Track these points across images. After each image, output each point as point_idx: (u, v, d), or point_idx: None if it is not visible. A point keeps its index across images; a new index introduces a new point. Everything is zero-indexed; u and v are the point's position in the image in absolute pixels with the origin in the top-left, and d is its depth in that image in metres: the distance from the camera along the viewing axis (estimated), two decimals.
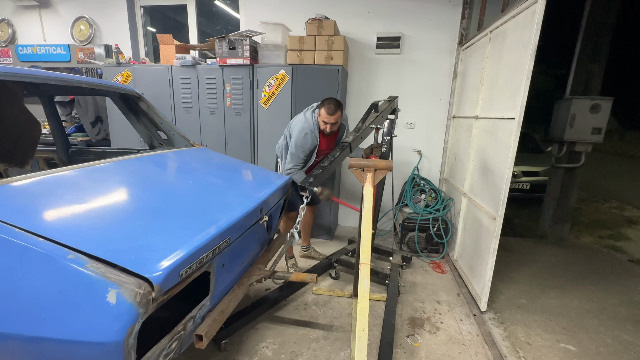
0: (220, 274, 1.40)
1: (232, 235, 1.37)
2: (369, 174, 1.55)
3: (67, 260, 0.92)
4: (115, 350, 0.92)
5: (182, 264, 1.06)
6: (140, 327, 0.96)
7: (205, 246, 1.19)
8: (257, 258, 1.90)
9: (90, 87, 1.93)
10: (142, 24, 4.35)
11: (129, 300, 0.92)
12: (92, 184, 1.42)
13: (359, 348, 1.09)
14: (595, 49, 3.55)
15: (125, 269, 0.96)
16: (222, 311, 1.40)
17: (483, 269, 2.38)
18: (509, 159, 2.11)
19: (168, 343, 1.13)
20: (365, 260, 1.28)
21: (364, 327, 1.12)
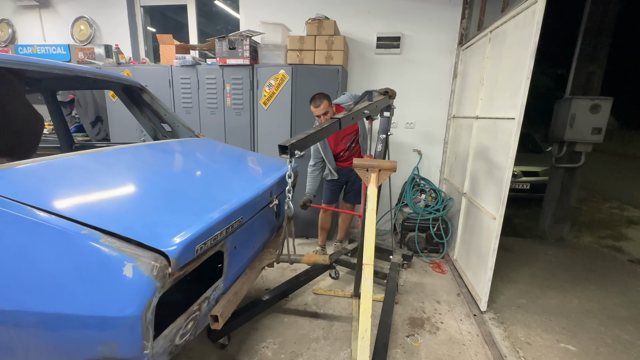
0: (233, 255, 1.41)
1: (244, 216, 1.39)
2: (373, 175, 1.55)
3: (81, 235, 0.91)
4: (133, 325, 0.91)
5: (198, 239, 1.07)
6: (157, 303, 0.96)
7: (219, 223, 1.19)
8: (267, 244, 1.91)
9: (94, 77, 1.90)
10: (142, 24, 4.35)
11: (145, 273, 0.91)
12: (101, 167, 1.42)
13: (361, 349, 1.09)
14: (595, 49, 3.55)
15: (141, 243, 0.95)
16: (235, 293, 1.40)
17: (483, 269, 2.38)
18: (509, 159, 2.11)
19: (184, 322, 1.14)
20: (368, 261, 1.27)
21: (366, 328, 1.12)
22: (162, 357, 1.06)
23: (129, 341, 0.93)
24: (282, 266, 2.98)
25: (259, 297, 2.21)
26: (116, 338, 0.93)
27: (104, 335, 0.93)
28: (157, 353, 1.02)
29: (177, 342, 1.13)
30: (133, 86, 2.26)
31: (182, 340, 1.15)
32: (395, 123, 3.73)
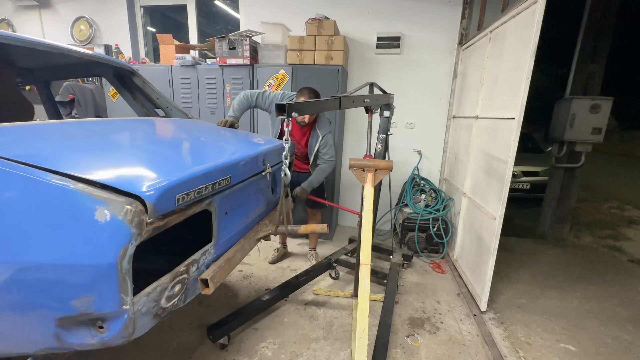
0: (224, 221, 1.37)
1: (233, 176, 1.34)
2: (369, 174, 1.55)
3: (50, 181, 0.87)
4: (108, 274, 0.87)
5: (178, 188, 1.01)
6: (135, 251, 0.91)
7: (203, 176, 1.15)
8: (263, 218, 1.87)
9: (80, 57, 1.85)
10: (142, 24, 4.35)
11: (119, 217, 0.86)
12: (82, 131, 1.37)
13: (359, 349, 1.09)
14: (595, 49, 3.55)
15: (114, 188, 0.90)
16: (228, 260, 1.37)
17: (483, 268, 2.38)
18: (509, 159, 2.11)
19: (170, 283, 1.09)
20: (365, 261, 1.28)
21: (364, 328, 1.12)
22: (146, 317, 1.02)
23: (105, 293, 0.89)
24: (282, 266, 2.98)
25: (259, 297, 2.21)
26: (91, 290, 0.88)
27: (78, 287, 0.88)
28: (140, 312, 0.97)
29: (163, 305, 1.08)
30: (124, 70, 2.21)
31: (170, 304, 1.11)
32: (395, 123, 3.73)
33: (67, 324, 0.92)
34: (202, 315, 2.24)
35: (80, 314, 0.90)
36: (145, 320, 1.02)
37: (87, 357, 1.84)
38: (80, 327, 0.94)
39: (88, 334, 0.94)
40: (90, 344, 0.95)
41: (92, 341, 0.95)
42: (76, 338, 0.94)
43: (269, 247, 3.37)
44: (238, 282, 2.68)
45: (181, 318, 2.20)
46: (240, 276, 2.78)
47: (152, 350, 1.92)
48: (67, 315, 0.90)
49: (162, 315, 1.10)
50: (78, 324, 0.93)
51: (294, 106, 1.38)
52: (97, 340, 0.95)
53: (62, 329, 0.93)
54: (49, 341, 0.94)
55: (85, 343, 0.95)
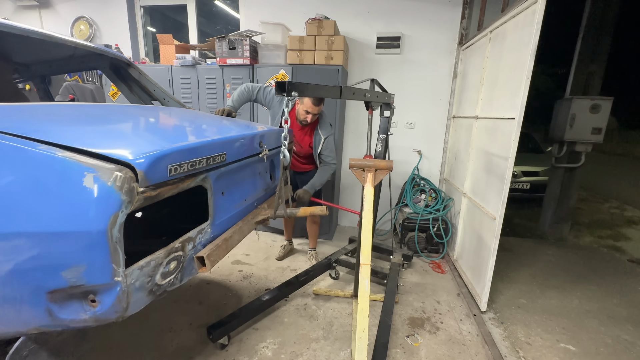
0: (220, 201, 1.37)
1: (229, 153, 1.33)
2: (369, 174, 1.55)
3: (37, 149, 0.86)
4: (98, 242, 0.85)
5: (170, 157, 1.00)
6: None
7: (196, 148, 1.14)
8: (262, 203, 1.86)
9: (75, 46, 1.84)
10: (142, 24, 4.35)
11: (108, 183, 0.85)
12: (74, 111, 1.37)
13: (359, 349, 1.09)
14: (595, 49, 3.55)
15: (103, 156, 0.88)
16: (225, 239, 1.35)
17: (483, 268, 2.38)
18: (509, 159, 2.11)
19: (164, 259, 1.07)
20: (365, 261, 1.28)
21: (364, 328, 1.12)
22: (140, 293, 1.00)
23: (96, 263, 0.87)
24: (282, 266, 2.98)
25: (259, 297, 2.21)
26: (81, 260, 0.87)
27: (68, 257, 0.87)
28: (133, 286, 0.96)
29: (158, 281, 1.06)
30: (120, 61, 2.20)
31: (165, 282, 1.09)
32: (395, 123, 3.73)
33: (59, 298, 0.91)
34: (202, 315, 2.24)
35: (71, 286, 0.88)
36: (140, 295, 1.00)
37: (87, 358, 1.84)
38: (72, 302, 0.92)
39: (80, 309, 0.93)
40: (83, 319, 0.93)
41: (85, 316, 0.93)
42: (68, 313, 0.93)
43: (270, 247, 3.38)
44: (238, 282, 2.68)
45: (181, 318, 2.21)
46: (240, 276, 2.78)
47: (152, 350, 1.92)
48: (58, 288, 0.89)
49: (157, 293, 1.08)
50: (70, 297, 0.91)
51: (295, 85, 1.36)
52: (90, 315, 0.93)
53: (53, 304, 0.91)
54: (41, 318, 0.92)
55: (77, 319, 0.93)
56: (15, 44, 1.77)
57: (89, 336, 1.19)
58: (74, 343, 1.13)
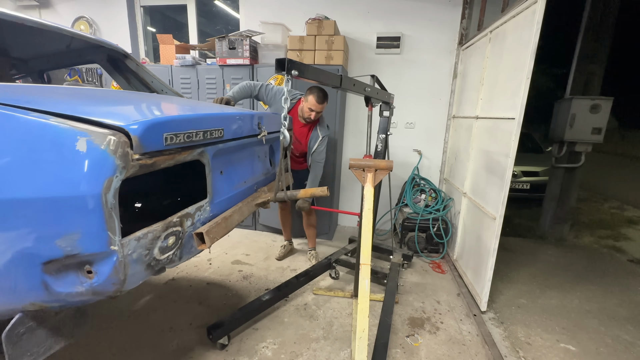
0: (219, 180, 1.36)
1: (226, 129, 1.32)
2: (369, 174, 1.55)
3: (29, 116, 0.85)
4: (92, 207, 0.83)
5: (165, 126, 0.99)
6: (121, 185, 0.88)
7: (192, 120, 1.13)
8: (262, 187, 1.86)
9: (72, 36, 1.83)
10: (142, 23, 4.35)
11: (101, 147, 0.83)
12: (69, 90, 1.36)
13: (359, 349, 1.09)
14: (595, 49, 3.55)
15: (97, 121, 0.87)
16: (225, 218, 1.35)
17: (483, 269, 2.38)
18: (509, 159, 2.11)
19: (162, 232, 1.05)
20: (365, 261, 1.28)
21: (364, 328, 1.12)
22: (137, 266, 0.98)
23: (91, 230, 0.85)
24: (282, 266, 2.98)
25: (259, 297, 2.21)
26: (75, 226, 0.85)
27: (62, 224, 0.85)
28: (130, 257, 0.94)
29: (156, 256, 1.05)
30: (117, 53, 2.18)
31: (164, 257, 1.09)
32: (395, 123, 3.73)
33: (54, 269, 0.90)
34: (202, 315, 2.24)
35: (66, 255, 0.87)
36: (137, 268, 0.99)
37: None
38: (68, 273, 0.91)
39: (77, 281, 0.91)
40: (80, 292, 0.92)
41: (82, 289, 0.91)
42: (64, 286, 0.91)
43: (270, 247, 3.38)
44: (238, 282, 2.68)
45: (181, 318, 2.21)
46: (240, 276, 2.78)
47: (152, 350, 1.92)
48: (53, 259, 0.87)
49: (156, 268, 1.07)
50: (65, 268, 0.90)
51: (295, 64, 1.35)
52: (87, 287, 0.91)
53: (49, 276, 0.90)
54: (36, 291, 0.91)
55: (74, 291, 0.92)
56: (11, 35, 1.75)
57: (88, 317, 1.16)
58: (73, 323, 1.11)
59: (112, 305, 2.32)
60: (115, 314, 2.22)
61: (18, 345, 0.95)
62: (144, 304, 2.35)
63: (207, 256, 3.13)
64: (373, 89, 2.00)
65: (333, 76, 1.62)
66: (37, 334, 1.00)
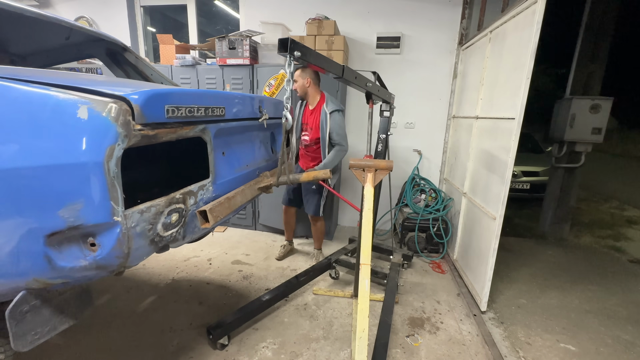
0: (221, 160, 1.37)
1: (227, 109, 1.32)
2: (369, 174, 1.54)
3: (30, 87, 0.86)
4: (95, 174, 0.83)
5: (166, 97, 0.99)
6: (123, 154, 0.88)
7: (193, 94, 1.13)
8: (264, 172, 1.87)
9: (70, 28, 1.81)
10: (142, 23, 4.35)
11: (103, 114, 0.83)
12: (70, 74, 1.35)
13: (359, 349, 1.09)
14: (595, 49, 3.55)
15: (98, 91, 0.88)
16: (228, 198, 1.36)
17: (483, 269, 2.38)
18: (509, 159, 2.11)
19: (165, 208, 1.05)
20: (365, 261, 1.28)
21: (364, 328, 1.12)
22: (141, 240, 0.98)
23: (93, 199, 0.85)
24: (282, 266, 2.98)
25: (259, 297, 2.21)
26: (78, 195, 0.84)
27: (64, 192, 0.85)
28: (134, 230, 0.94)
29: (160, 232, 1.04)
30: (116, 46, 2.16)
31: (167, 234, 1.08)
32: (395, 123, 3.73)
33: (57, 241, 0.89)
34: (202, 315, 2.24)
35: (69, 226, 0.86)
36: (141, 243, 0.98)
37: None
38: (71, 246, 0.90)
39: (80, 254, 0.91)
40: (84, 266, 0.91)
41: (85, 262, 0.91)
42: (68, 259, 0.91)
43: (270, 247, 3.38)
44: (238, 282, 2.68)
45: (181, 318, 2.21)
46: (240, 276, 2.78)
47: (152, 350, 1.92)
48: (56, 230, 0.87)
49: (160, 245, 1.07)
50: (68, 241, 0.90)
51: (298, 45, 1.34)
52: (91, 261, 0.90)
53: (52, 249, 0.89)
54: (40, 266, 0.90)
55: (78, 266, 0.91)
56: (8, 28, 1.74)
57: (92, 298, 1.16)
58: (77, 304, 1.10)
59: (112, 305, 2.32)
60: (115, 314, 2.22)
61: (22, 323, 0.94)
62: (144, 304, 2.35)
63: (207, 256, 3.13)
64: (374, 85, 1.99)
65: (335, 64, 1.60)
66: (41, 313, 0.99)
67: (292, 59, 1.36)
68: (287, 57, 1.34)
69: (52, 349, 1.89)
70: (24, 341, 0.94)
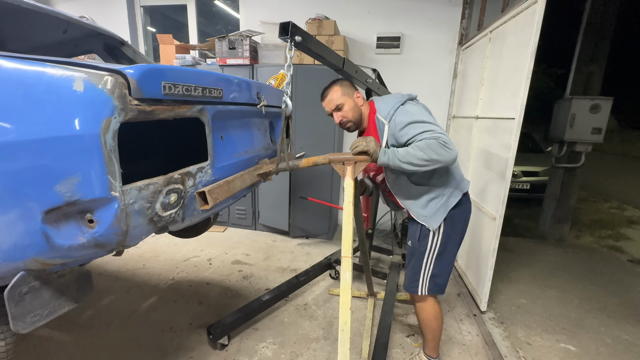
0: (220, 144, 1.36)
1: (225, 91, 1.31)
2: (349, 167, 1.54)
3: (24, 62, 0.85)
4: (91, 147, 0.83)
5: (163, 73, 0.98)
6: (119, 127, 0.87)
7: (190, 73, 1.12)
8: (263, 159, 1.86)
9: (68, 21, 1.81)
10: (142, 23, 4.35)
11: (99, 86, 0.83)
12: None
13: (341, 342, 1.11)
14: (595, 49, 3.55)
15: (93, 65, 0.87)
16: (227, 181, 1.35)
17: (483, 269, 2.38)
18: (509, 159, 2.11)
19: (163, 187, 1.04)
20: (346, 254, 1.30)
21: (346, 321, 1.13)
22: (139, 218, 0.97)
23: (90, 172, 0.84)
24: (282, 266, 2.98)
25: (259, 297, 2.21)
26: (75, 168, 0.84)
27: (61, 167, 0.84)
28: (132, 207, 0.93)
29: (158, 211, 1.04)
30: (114, 40, 2.14)
31: (166, 215, 1.08)
32: None
33: (54, 218, 0.88)
34: (202, 315, 2.24)
35: (66, 202, 0.86)
36: (139, 221, 0.98)
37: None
38: (69, 222, 0.90)
39: (78, 231, 0.90)
40: (82, 244, 0.91)
41: (83, 239, 0.90)
42: (66, 237, 0.90)
43: (270, 247, 3.38)
44: (238, 282, 2.68)
45: (181, 318, 2.21)
46: (240, 276, 2.78)
47: (152, 350, 1.92)
48: (53, 206, 0.86)
49: (159, 225, 1.07)
50: (66, 217, 0.89)
51: (300, 30, 1.32)
52: (89, 238, 0.90)
53: (50, 227, 0.88)
54: (37, 244, 0.89)
55: (76, 243, 0.91)
56: (5, 23, 1.74)
57: (92, 283, 1.16)
58: (77, 288, 1.10)
59: (112, 305, 2.32)
60: (115, 314, 2.22)
61: (21, 304, 0.94)
62: (144, 304, 2.35)
63: (207, 256, 3.13)
64: (374, 82, 1.99)
65: (336, 55, 1.57)
66: (40, 294, 0.99)
67: (293, 44, 1.33)
68: (288, 42, 1.32)
69: (53, 348, 1.90)
70: (23, 323, 0.94)
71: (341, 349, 1.10)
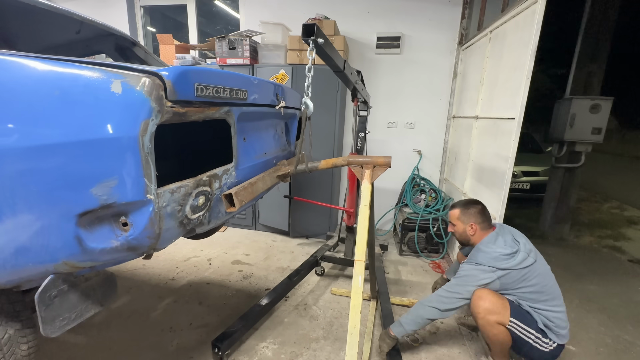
0: (243, 146, 1.37)
1: (249, 92, 1.32)
2: (367, 171, 1.53)
3: (59, 64, 0.84)
4: (129, 149, 0.81)
5: (196, 75, 0.98)
6: (156, 130, 0.86)
7: (220, 74, 1.13)
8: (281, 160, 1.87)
9: (81, 21, 1.79)
10: (142, 24, 4.35)
11: (137, 88, 0.82)
12: None
13: (349, 345, 1.10)
14: (595, 49, 3.55)
15: (127, 67, 0.86)
16: (251, 183, 1.36)
17: None
18: (509, 159, 2.11)
19: (193, 189, 1.04)
20: (360, 257, 1.29)
21: (355, 324, 1.13)
22: (171, 221, 0.97)
23: (128, 175, 0.83)
24: (282, 266, 2.98)
25: (258, 303, 2.20)
26: (112, 171, 0.83)
27: (98, 170, 0.83)
28: (165, 210, 0.93)
29: (188, 214, 1.04)
30: (125, 41, 2.13)
31: (195, 217, 1.08)
32: (395, 123, 3.73)
33: (88, 221, 0.87)
34: (202, 315, 2.24)
35: (101, 205, 0.84)
36: (171, 224, 0.97)
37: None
38: (102, 226, 0.89)
39: (111, 234, 0.89)
40: (114, 247, 0.90)
41: (117, 243, 0.89)
42: (99, 240, 0.89)
43: (270, 247, 3.38)
44: (238, 282, 2.68)
45: (181, 318, 2.21)
46: (240, 276, 2.78)
47: (152, 350, 1.92)
48: (88, 210, 0.85)
49: (187, 227, 1.07)
50: (100, 221, 0.88)
51: (321, 33, 1.34)
52: (122, 241, 0.89)
53: (83, 230, 0.87)
54: (69, 247, 0.88)
55: (108, 247, 0.90)
56: (15, 23, 1.73)
57: (116, 286, 1.16)
58: (102, 291, 1.10)
59: (112, 305, 2.32)
60: (115, 314, 2.22)
61: (50, 308, 0.93)
62: (144, 304, 2.35)
63: (207, 256, 3.13)
64: (360, 84, 2.04)
65: (340, 58, 1.63)
66: (68, 298, 0.98)
67: (314, 47, 1.36)
68: (310, 43, 1.35)
69: (53, 348, 1.89)
70: (52, 327, 0.93)
71: (349, 352, 1.10)
